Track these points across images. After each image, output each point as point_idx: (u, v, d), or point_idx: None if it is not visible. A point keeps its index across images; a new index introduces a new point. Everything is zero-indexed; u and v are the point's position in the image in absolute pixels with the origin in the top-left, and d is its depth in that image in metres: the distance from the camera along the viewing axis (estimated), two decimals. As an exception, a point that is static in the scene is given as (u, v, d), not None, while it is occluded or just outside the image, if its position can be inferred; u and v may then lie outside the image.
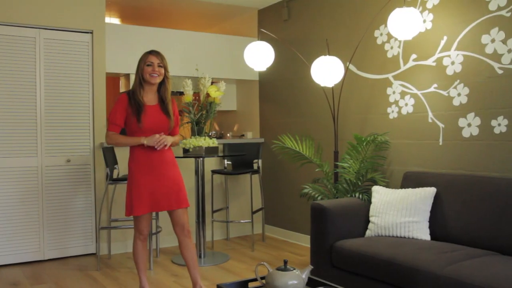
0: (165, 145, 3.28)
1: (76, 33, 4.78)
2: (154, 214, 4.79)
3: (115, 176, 4.71)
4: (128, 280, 4.08)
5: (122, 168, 4.88)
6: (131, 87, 3.45)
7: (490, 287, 2.40)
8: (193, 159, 4.94)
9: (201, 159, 4.69)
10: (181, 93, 5.17)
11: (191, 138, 4.57)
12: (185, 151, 4.58)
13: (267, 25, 5.67)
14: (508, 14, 3.31)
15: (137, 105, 3.26)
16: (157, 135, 3.26)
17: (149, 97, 3.35)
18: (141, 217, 3.35)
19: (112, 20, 6.45)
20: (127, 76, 5.42)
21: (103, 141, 4.84)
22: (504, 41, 3.34)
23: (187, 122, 4.87)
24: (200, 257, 4.67)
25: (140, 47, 5.20)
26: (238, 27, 6.28)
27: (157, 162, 3.32)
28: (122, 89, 5.71)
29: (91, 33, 4.84)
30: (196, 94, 4.80)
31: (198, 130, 4.66)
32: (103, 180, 4.84)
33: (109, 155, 4.53)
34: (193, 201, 5.20)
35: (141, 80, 3.31)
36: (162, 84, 3.38)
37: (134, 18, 6.36)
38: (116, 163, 4.74)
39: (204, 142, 4.49)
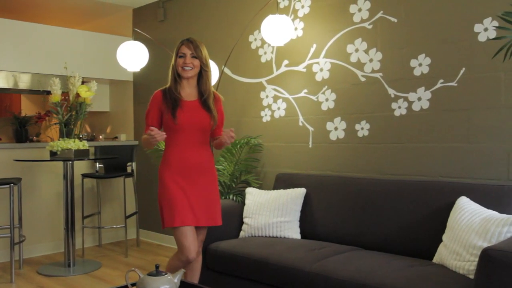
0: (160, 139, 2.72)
1: None
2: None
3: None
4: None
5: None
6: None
7: (353, 279, 2.57)
8: (61, 163, 4.67)
9: (70, 162, 4.45)
10: (48, 92, 4.87)
11: (59, 140, 4.33)
12: (53, 154, 4.32)
13: (142, 25, 5.54)
14: (370, 27, 3.57)
15: (173, 99, 2.88)
16: (154, 129, 2.67)
17: (188, 92, 2.96)
18: (185, 229, 2.78)
19: (-31, 10, 5.89)
20: (-14, 72, 4.98)
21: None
22: (366, 51, 3.60)
23: (55, 124, 4.59)
24: (69, 266, 4.41)
25: (1, 42, 4.83)
26: (112, 25, 6.06)
27: (194, 167, 2.89)
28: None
29: None
30: (65, 93, 4.56)
31: (67, 131, 4.44)
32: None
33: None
34: (60, 208, 4.91)
35: (175, 74, 2.95)
36: (201, 77, 2.98)
37: (-5, 9, 5.86)
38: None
39: (74, 144, 4.28)
